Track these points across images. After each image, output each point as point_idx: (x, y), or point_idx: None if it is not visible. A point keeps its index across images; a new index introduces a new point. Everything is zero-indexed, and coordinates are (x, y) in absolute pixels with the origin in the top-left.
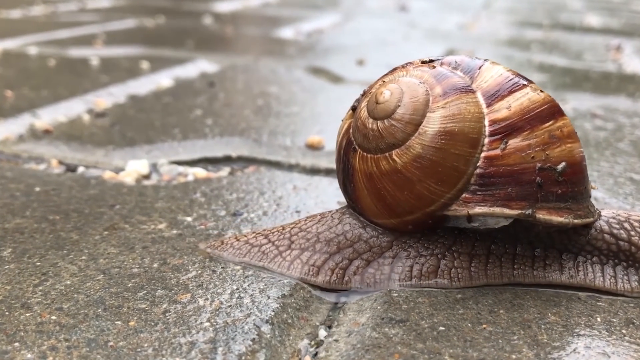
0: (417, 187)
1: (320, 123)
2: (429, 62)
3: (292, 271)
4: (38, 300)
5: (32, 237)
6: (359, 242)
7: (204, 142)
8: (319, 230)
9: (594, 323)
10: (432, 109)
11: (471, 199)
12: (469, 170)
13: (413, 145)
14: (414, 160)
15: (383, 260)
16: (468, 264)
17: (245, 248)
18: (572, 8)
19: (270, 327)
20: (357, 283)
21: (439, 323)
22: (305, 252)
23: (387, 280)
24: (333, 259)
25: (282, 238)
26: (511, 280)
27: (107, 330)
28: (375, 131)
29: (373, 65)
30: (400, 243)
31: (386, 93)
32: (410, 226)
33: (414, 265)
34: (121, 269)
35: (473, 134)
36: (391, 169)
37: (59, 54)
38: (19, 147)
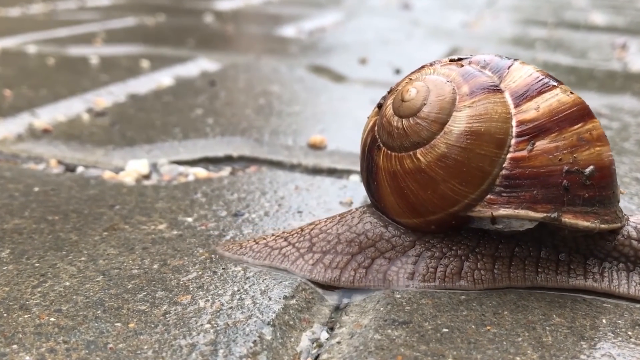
0: (440, 187)
1: (323, 122)
2: (457, 60)
3: (315, 275)
4: (37, 301)
5: (31, 237)
6: (381, 241)
7: (205, 142)
8: (339, 231)
9: (599, 325)
10: (458, 108)
11: (496, 201)
12: (494, 171)
13: (438, 145)
14: (439, 160)
15: (406, 259)
16: (491, 265)
17: (265, 251)
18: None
19: (271, 329)
20: (380, 282)
21: (443, 325)
22: (328, 254)
23: (410, 280)
24: (355, 259)
25: (302, 240)
26: (534, 283)
27: (106, 332)
28: (400, 129)
29: (376, 64)
30: (424, 242)
31: (412, 91)
32: (433, 226)
33: (438, 267)
34: (121, 270)
35: (500, 135)
36: (415, 168)
37: (58, 52)
38: (17, 146)
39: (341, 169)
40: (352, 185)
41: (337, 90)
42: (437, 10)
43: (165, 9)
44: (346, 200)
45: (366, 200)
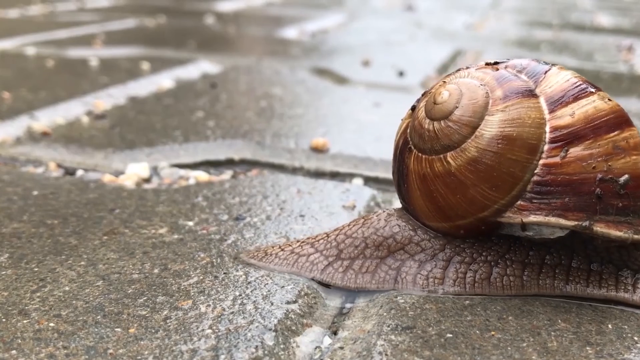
0: (470, 191)
1: (325, 125)
2: (494, 64)
3: (346, 282)
4: (36, 306)
5: (30, 242)
6: (410, 244)
7: (206, 145)
8: (366, 234)
9: (604, 330)
10: (491, 112)
11: (526, 207)
12: (525, 177)
13: (468, 148)
14: (469, 164)
15: (436, 263)
16: (521, 272)
17: (292, 258)
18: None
19: (273, 334)
20: (410, 284)
21: (447, 330)
22: (357, 260)
23: (440, 285)
24: (385, 262)
25: (329, 247)
26: (563, 292)
27: (106, 337)
28: (431, 132)
29: (379, 65)
30: (454, 247)
31: (445, 94)
32: (462, 231)
33: (467, 272)
34: (121, 274)
35: (532, 140)
36: (445, 171)
37: (57, 54)
38: (16, 149)
39: (344, 173)
40: (354, 188)
41: (340, 92)
42: (440, 11)
43: (166, 11)
44: (349, 204)
45: (369, 204)
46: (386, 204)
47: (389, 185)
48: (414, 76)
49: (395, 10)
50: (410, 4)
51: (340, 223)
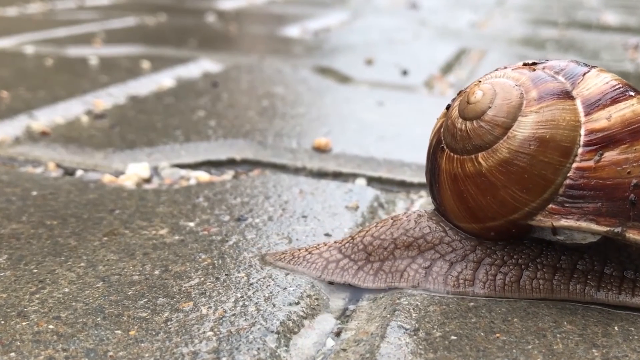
0: (500, 193)
1: (328, 125)
2: (532, 64)
3: (377, 283)
4: (35, 308)
5: (29, 243)
6: (441, 244)
7: (207, 145)
8: (395, 235)
9: (610, 332)
10: (524, 113)
11: (557, 211)
12: (557, 180)
13: (500, 149)
14: (500, 165)
15: (466, 264)
16: (551, 276)
17: (320, 262)
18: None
19: (275, 336)
20: (441, 285)
21: (451, 332)
22: (387, 261)
23: (470, 286)
24: (415, 261)
25: (357, 251)
26: (593, 299)
27: (106, 339)
28: (463, 131)
29: (382, 64)
30: (485, 248)
31: (478, 93)
32: (492, 233)
33: (497, 275)
34: (121, 276)
35: (566, 143)
36: (476, 172)
37: (56, 53)
38: (15, 149)
39: (347, 173)
40: (358, 189)
41: (343, 91)
42: (444, 9)
43: (166, 9)
44: (352, 204)
45: (372, 205)
46: (389, 205)
47: (392, 186)
48: (418, 75)
49: (399, 8)
50: (414, 2)
51: (343, 224)
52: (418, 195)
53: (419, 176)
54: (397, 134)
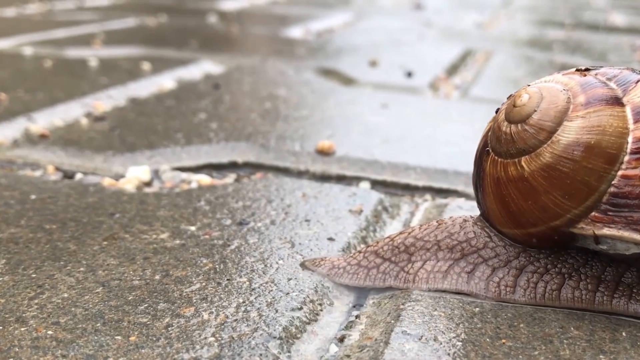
0: (542, 198)
1: (331, 127)
2: (584, 70)
3: (417, 284)
4: (33, 314)
5: (28, 247)
6: (485, 249)
7: (209, 148)
8: (439, 237)
9: (618, 338)
10: (570, 118)
11: (600, 219)
12: (601, 188)
13: (543, 154)
14: (542, 169)
15: (509, 270)
16: (595, 287)
17: (362, 272)
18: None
19: (278, 342)
20: (482, 290)
21: (456, 338)
22: (429, 262)
23: (511, 293)
24: (458, 264)
25: (397, 252)
26: (637, 313)
27: (106, 345)
28: (507, 135)
29: (386, 66)
30: (528, 256)
31: (524, 97)
32: (534, 240)
33: (539, 282)
34: (121, 281)
35: (612, 149)
36: (518, 176)
37: (55, 54)
38: (13, 152)
39: (350, 176)
40: (362, 192)
41: (346, 93)
42: (450, 10)
43: (167, 9)
44: (356, 208)
45: (376, 208)
46: (394, 209)
47: (396, 189)
48: (423, 77)
49: (404, 9)
50: (419, 2)
51: (346, 228)
52: (423, 198)
53: (423, 179)
54: (402, 137)
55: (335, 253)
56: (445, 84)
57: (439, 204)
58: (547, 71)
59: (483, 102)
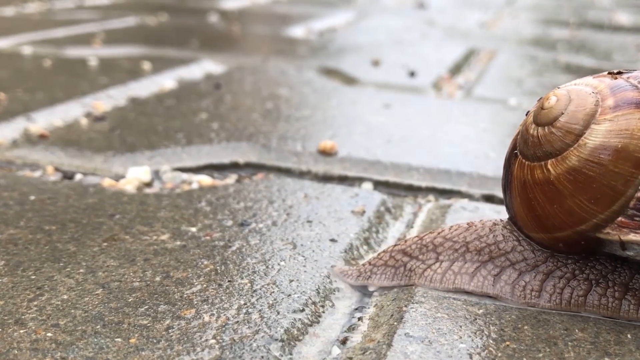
0: (567, 202)
1: (333, 127)
2: (616, 73)
3: (444, 284)
4: (33, 316)
5: (27, 248)
6: (513, 252)
7: (210, 148)
8: (468, 239)
9: (624, 340)
10: (597, 121)
11: (626, 224)
12: (628, 192)
13: (569, 157)
14: (568, 173)
15: (535, 275)
16: (622, 295)
17: (389, 272)
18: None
19: (280, 344)
20: (508, 294)
21: (460, 340)
22: (456, 262)
23: (537, 298)
24: (485, 267)
25: (425, 251)
26: None
27: (106, 347)
28: (534, 137)
29: (389, 65)
30: (556, 261)
31: (552, 99)
32: (561, 244)
33: (565, 288)
34: (121, 282)
35: (639, 154)
36: (544, 179)
37: (55, 54)
38: (12, 153)
39: (353, 177)
40: (364, 193)
41: (349, 93)
42: (453, 9)
43: (168, 8)
44: (358, 209)
45: (379, 209)
46: (397, 210)
47: (399, 190)
48: (426, 76)
49: (407, 8)
50: (422, 1)
51: (349, 229)
52: (426, 199)
53: (426, 180)
54: (405, 137)
55: (337, 254)
56: (449, 83)
57: (442, 204)
58: (552, 71)
59: (487, 102)
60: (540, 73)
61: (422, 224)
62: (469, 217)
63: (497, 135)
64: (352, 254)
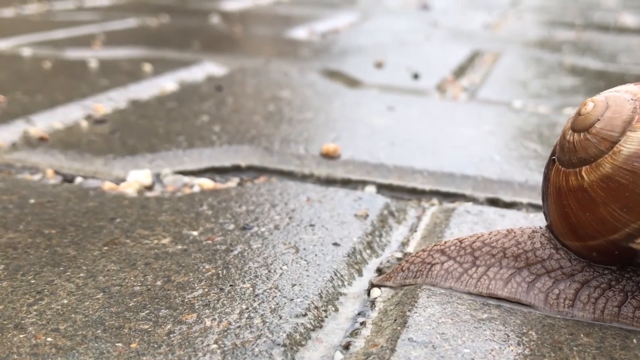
0: (600, 210)
1: (336, 130)
2: None
3: (478, 288)
4: (32, 320)
5: (26, 252)
6: (550, 260)
7: (211, 151)
8: (506, 245)
9: (629, 345)
10: (634, 128)
11: None
12: None
13: (603, 164)
14: (601, 180)
15: (570, 284)
16: None
17: (425, 268)
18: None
19: (282, 349)
20: (541, 302)
21: (463, 345)
22: (492, 267)
23: (570, 307)
24: (520, 273)
25: (463, 254)
26: None
27: (107, 352)
28: (570, 143)
29: (392, 67)
30: (592, 271)
31: (589, 105)
32: (594, 254)
33: (600, 298)
34: (122, 287)
35: None
36: (577, 186)
37: (54, 55)
38: (12, 155)
39: (356, 180)
40: (367, 196)
41: (352, 95)
42: (457, 10)
43: (169, 10)
44: (361, 212)
45: (382, 213)
46: (400, 213)
47: (403, 193)
48: (430, 79)
49: (410, 9)
50: (425, 3)
51: (352, 233)
52: (430, 203)
53: (430, 183)
54: (408, 140)
55: (340, 258)
56: (453, 85)
57: (446, 208)
58: (557, 73)
59: (491, 104)
60: (546, 75)
61: (426, 227)
62: (473, 221)
63: (501, 138)
64: (355, 258)
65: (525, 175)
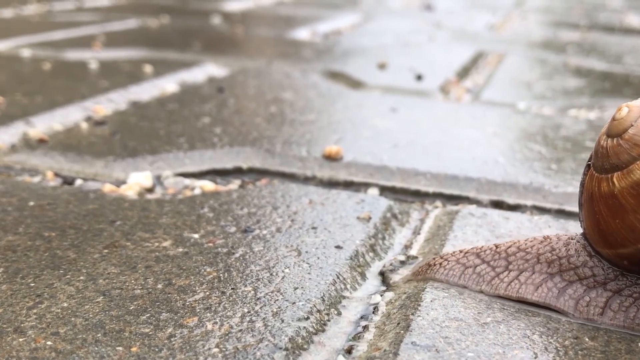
0: (629, 217)
1: (339, 132)
2: None
3: (508, 291)
4: (32, 324)
5: (26, 255)
6: (583, 267)
7: (212, 153)
8: (540, 251)
9: (634, 349)
10: None
11: None
12: None
13: (635, 171)
14: (632, 187)
15: (602, 291)
16: None
17: (457, 269)
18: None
19: (284, 353)
20: (571, 308)
21: (467, 349)
22: (525, 272)
23: (599, 315)
24: (552, 279)
25: (497, 258)
26: None
27: (107, 356)
28: (603, 149)
29: (395, 69)
30: (627, 279)
31: (624, 110)
32: (625, 262)
33: (632, 307)
34: (122, 290)
35: None
36: (608, 192)
37: (54, 56)
38: (11, 157)
39: (358, 182)
40: (370, 199)
41: (354, 97)
42: (461, 11)
43: (170, 10)
44: (364, 215)
45: (385, 215)
46: (403, 216)
47: (406, 196)
48: (433, 80)
49: (413, 10)
50: (429, 3)
51: (354, 235)
52: (433, 205)
53: (434, 186)
54: (412, 142)
55: (342, 261)
56: (456, 87)
57: (449, 210)
58: (562, 74)
59: (495, 105)
60: (550, 76)
61: (429, 230)
62: (477, 224)
63: (505, 140)
64: (357, 261)
65: (530, 177)
